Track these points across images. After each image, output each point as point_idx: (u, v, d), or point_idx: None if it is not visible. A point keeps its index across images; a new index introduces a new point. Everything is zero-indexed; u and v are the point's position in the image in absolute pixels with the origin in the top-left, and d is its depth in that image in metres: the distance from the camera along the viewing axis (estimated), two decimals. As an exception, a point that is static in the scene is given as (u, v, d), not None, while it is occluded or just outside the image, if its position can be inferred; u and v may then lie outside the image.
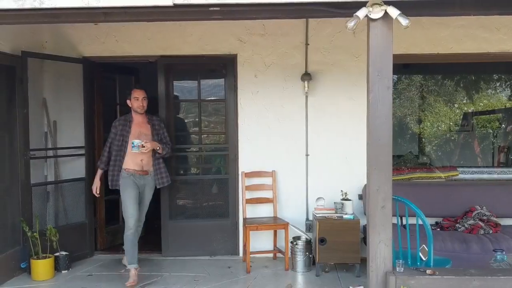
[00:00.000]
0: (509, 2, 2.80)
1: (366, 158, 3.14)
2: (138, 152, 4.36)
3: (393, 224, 3.35)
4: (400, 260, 3.00)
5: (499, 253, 3.37)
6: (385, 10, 2.86)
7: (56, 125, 5.17)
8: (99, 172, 4.73)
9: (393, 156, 7.96)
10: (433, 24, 5.00)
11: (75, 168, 5.19)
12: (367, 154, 3.08)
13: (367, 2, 2.87)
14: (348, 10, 2.94)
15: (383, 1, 2.86)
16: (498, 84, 7.94)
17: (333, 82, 5.14)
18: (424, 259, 3.35)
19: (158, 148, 4.52)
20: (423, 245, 3.39)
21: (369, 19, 2.93)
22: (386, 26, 2.93)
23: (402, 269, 2.98)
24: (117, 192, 4.67)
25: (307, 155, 5.20)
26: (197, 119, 5.47)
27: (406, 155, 7.35)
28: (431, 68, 7.23)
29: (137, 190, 4.50)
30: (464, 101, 8.00)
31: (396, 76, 8.16)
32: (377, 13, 2.88)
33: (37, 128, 4.95)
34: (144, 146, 4.35)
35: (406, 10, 2.84)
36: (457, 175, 5.14)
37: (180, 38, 5.19)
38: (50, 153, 5.13)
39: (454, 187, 5.00)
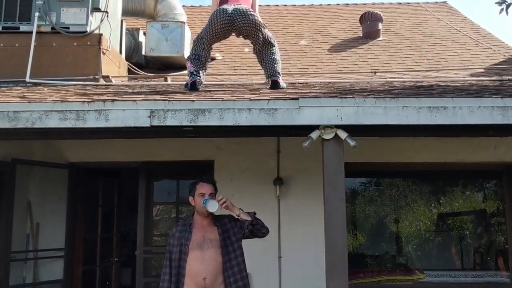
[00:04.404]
0: (432, 129, 3.23)
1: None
2: (215, 209, 3.31)
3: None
4: None
5: None
6: (335, 132, 3.26)
7: (38, 227, 5.38)
8: None
9: (371, 255, 8.03)
10: (395, 135, 5.47)
11: (53, 269, 5.33)
12: (325, 261, 3.32)
13: (320, 125, 3.28)
14: (305, 131, 3.34)
15: (334, 125, 3.27)
16: (465, 188, 8.34)
17: (303, 187, 5.48)
18: None
19: (238, 212, 3.48)
20: None
21: (323, 139, 3.32)
22: (337, 145, 3.30)
23: None
24: None
25: (280, 257, 5.40)
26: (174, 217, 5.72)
27: (383, 255, 7.52)
28: (402, 173, 7.62)
29: None
30: (435, 204, 8.35)
31: (372, 178, 8.62)
32: (328, 134, 3.29)
33: (20, 230, 5.16)
34: (221, 200, 3.34)
35: (353, 132, 3.25)
36: (424, 277, 5.33)
37: (161, 146, 5.57)
38: (31, 255, 5.27)
39: (421, 291, 5.19)
